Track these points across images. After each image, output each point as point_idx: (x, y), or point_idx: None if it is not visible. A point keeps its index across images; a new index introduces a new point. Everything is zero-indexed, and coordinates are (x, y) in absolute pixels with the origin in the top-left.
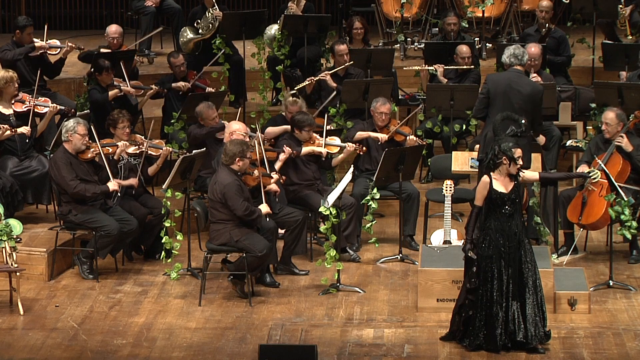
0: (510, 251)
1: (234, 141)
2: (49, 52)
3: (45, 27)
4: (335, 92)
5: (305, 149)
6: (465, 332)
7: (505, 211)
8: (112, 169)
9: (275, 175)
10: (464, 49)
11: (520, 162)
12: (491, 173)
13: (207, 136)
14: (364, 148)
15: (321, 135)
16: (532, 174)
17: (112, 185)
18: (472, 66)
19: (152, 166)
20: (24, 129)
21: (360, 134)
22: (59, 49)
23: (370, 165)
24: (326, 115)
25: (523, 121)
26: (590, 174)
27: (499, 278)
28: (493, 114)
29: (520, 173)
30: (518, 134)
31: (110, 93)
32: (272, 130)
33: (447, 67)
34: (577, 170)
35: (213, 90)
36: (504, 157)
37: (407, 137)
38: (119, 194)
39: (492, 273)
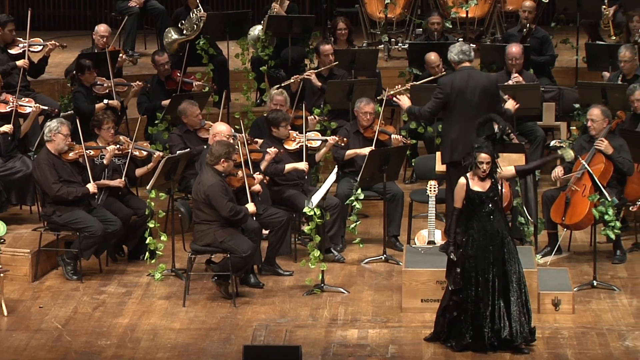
0: (493, 250)
1: (220, 142)
2: (31, 49)
3: (29, 12)
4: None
5: (288, 166)
6: (450, 333)
7: (486, 209)
8: (98, 171)
9: (258, 176)
10: (432, 57)
11: (483, 167)
12: (467, 174)
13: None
14: (345, 139)
15: (300, 132)
16: (508, 170)
17: (91, 187)
18: (444, 72)
19: (142, 168)
20: (6, 127)
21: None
22: (42, 47)
23: (354, 167)
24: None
25: (503, 125)
26: (559, 151)
27: (483, 277)
28: (452, 115)
29: (498, 170)
30: (496, 137)
31: (97, 106)
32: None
33: (417, 82)
34: (556, 170)
35: (202, 83)
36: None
37: (392, 136)
38: (103, 194)
39: (476, 272)
